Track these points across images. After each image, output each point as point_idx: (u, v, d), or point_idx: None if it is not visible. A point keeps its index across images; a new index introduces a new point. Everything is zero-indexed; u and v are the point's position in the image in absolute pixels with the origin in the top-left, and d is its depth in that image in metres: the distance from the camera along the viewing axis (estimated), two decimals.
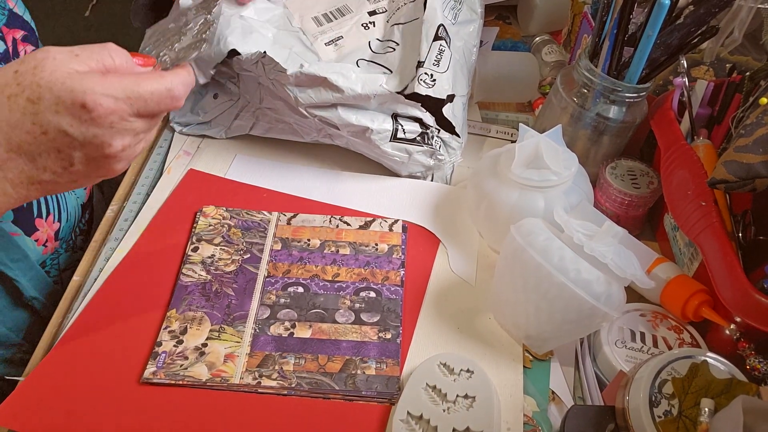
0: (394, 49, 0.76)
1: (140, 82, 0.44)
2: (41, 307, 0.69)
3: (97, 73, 0.43)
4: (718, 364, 0.51)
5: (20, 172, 0.43)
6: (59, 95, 0.41)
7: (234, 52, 0.68)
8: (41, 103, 0.41)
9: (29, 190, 0.45)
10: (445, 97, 0.71)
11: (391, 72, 0.74)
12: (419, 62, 0.71)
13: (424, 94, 0.70)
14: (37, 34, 0.68)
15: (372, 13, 0.79)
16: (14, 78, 0.42)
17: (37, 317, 0.69)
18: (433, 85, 0.70)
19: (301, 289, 0.64)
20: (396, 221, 0.71)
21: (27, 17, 0.66)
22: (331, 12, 0.79)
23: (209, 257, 0.66)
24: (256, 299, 0.63)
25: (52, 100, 0.41)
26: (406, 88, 0.70)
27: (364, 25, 0.78)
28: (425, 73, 0.70)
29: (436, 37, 0.72)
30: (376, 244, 0.68)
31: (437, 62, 0.71)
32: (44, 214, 0.67)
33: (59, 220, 0.70)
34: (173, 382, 0.56)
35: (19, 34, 0.63)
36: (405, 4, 0.79)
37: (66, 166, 0.44)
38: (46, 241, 0.68)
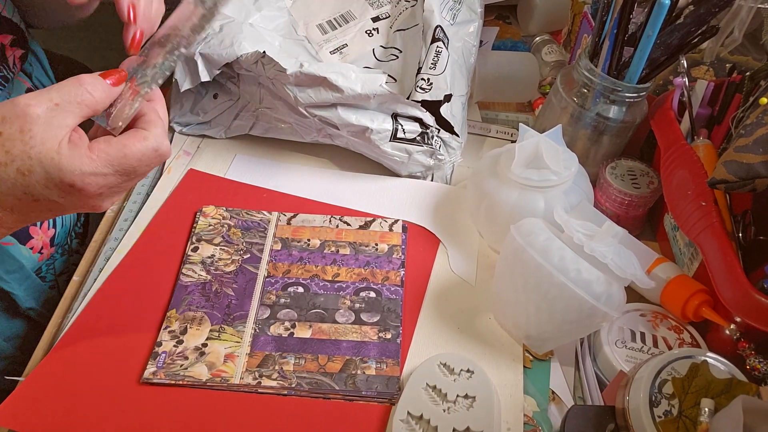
0: (397, 57, 0.76)
1: (126, 153, 0.44)
2: (37, 316, 0.69)
3: (83, 149, 0.43)
4: (718, 364, 0.51)
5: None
6: (49, 172, 0.41)
7: None
8: (32, 176, 0.41)
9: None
10: (441, 98, 0.71)
11: (396, 81, 0.74)
12: (418, 69, 0.72)
13: (419, 100, 0.70)
14: (26, 33, 0.66)
15: (375, 19, 0.80)
16: (1, 143, 0.41)
17: (34, 325, 0.69)
18: (430, 90, 0.71)
19: (301, 289, 0.64)
20: (396, 221, 0.71)
21: (16, 18, 0.64)
22: (335, 19, 0.80)
23: (209, 257, 0.66)
24: (256, 299, 0.63)
25: (42, 175, 0.41)
26: (408, 96, 0.71)
27: (368, 32, 0.79)
28: (422, 79, 0.71)
29: (434, 39, 0.72)
30: (376, 244, 0.68)
31: (434, 65, 0.72)
32: (38, 222, 0.67)
33: (54, 227, 0.70)
34: (173, 382, 0.56)
35: (8, 39, 0.62)
36: (406, 9, 0.79)
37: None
38: (42, 248, 0.68)
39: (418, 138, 0.72)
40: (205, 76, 0.72)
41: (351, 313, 0.62)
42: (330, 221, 0.70)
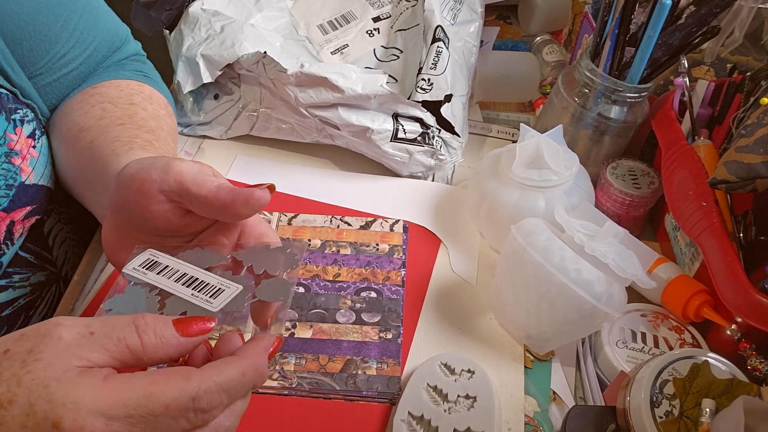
0: (398, 57, 0.76)
1: (153, 392, 0.31)
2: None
3: (97, 378, 0.31)
4: (719, 364, 0.51)
5: None
6: (34, 405, 0.30)
7: None
8: (10, 409, 0.30)
9: None
10: (442, 98, 0.71)
11: (396, 81, 0.74)
12: (419, 69, 0.72)
13: (420, 100, 0.70)
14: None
15: (376, 19, 0.80)
16: None
17: None
18: (430, 90, 0.71)
19: (301, 289, 0.64)
20: (397, 221, 0.71)
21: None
22: (336, 19, 0.80)
23: None
24: None
25: (24, 409, 0.30)
26: (409, 96, 0.71)
27: (369, 32, 0.79)
28: (423, 79, 0.71)
29: (434, 39, 0.72)
30: (377, 244, 0.68)
31: (434, 65, 0.72)
32: None
33: None
34: None
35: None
36: (406, 9, 0.79)
37: None
38: None
39: (419, 138, 0.72)
40: (207, 78, 0.72)
41: (352, 313, 0.62)
42: (331, 221, 0.70)
